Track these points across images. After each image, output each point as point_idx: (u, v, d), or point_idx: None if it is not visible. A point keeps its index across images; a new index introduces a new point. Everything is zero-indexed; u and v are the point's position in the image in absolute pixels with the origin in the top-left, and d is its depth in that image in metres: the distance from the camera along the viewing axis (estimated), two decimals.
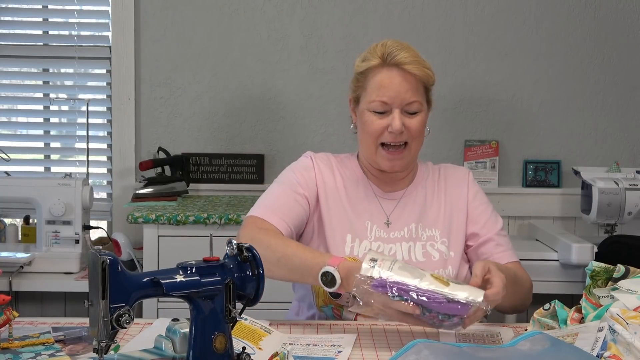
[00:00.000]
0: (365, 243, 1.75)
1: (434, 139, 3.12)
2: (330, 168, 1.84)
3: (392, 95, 1.69)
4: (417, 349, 1.20)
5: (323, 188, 1.80)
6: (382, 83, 1.71)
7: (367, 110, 1.73)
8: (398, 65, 1.70)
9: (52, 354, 1.40)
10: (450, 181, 1.85)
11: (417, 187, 1.83)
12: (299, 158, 1.88)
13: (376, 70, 1.72)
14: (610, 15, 3.12)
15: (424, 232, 1.78)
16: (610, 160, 3.04)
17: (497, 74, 3.14)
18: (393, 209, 1.80)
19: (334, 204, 1.79)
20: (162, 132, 3.13)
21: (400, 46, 1.73)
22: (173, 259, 1.42)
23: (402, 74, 1.70)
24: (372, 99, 1.71)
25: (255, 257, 1.27)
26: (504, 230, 1.84)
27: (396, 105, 1.70)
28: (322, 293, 1.72)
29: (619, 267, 1.45)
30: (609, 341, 1.24)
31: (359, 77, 1.76)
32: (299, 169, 1.83)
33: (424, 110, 1.74)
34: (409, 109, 1.71)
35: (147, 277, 1.21)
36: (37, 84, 3.27)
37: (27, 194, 2.68)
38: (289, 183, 1.80)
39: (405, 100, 1.70)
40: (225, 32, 3.12)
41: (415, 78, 1.70)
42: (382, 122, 1.71)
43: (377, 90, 1.71)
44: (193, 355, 1.23)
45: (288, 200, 1.76)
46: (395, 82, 1.70)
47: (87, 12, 3.18)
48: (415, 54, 1.73)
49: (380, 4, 3.11)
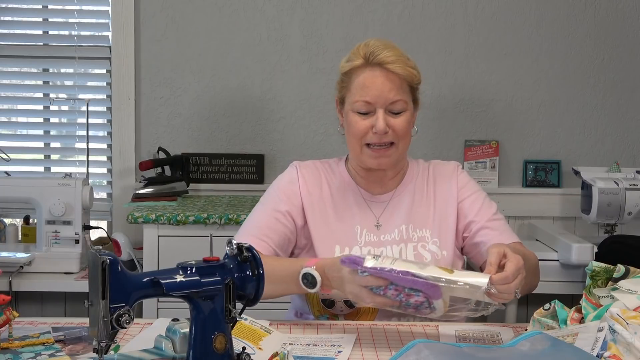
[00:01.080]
0: (355, 249, 1.74)
1: (434, 139, 3.12)
2: (316, 177, 1.83)
3: (375, 95, 1.68)
4: (417, 349, 1.20)
5: (309, 200, 1.79)
6: (365, 83, 1.69)
7: (351, 110, 1.72)
8: (381, 64, 1.68)
9: (52, 354, 1.40)
10: (439, 178, 1.83)
11: (406, 187, 1.82)
12: (286, 169, 1.87)
13: (359, 71, 1.71)
14: (610, 15, 3.12)
15: (415, 233, 1.77)
16: (610, 160, 3.04)
17: (497, 74, 3.14)
18: (382, 211, 1.80)
19: (321, 214, 1.78)
20: (162, 132, 3.13)
21: (384, 45, 1.71)
22: (173, 259, 1.42)
23: (385, 73, 1.68)
24: (356, 99, 1.70)
25: (255, 257, 1.28)
26: (499, 214, 1.81)
27: (380, 105, 1.69)
28: (316, 303, 1.73)
29: (619, 267, 1.45)
30: (609, 341, 1.24)
31: (343, 77, 1.76)
32: (283, 184, 1.82)
33: (409, 110, 1.72)
34: (393, 109, 1.70)
35: (147, 277, 1.21)
36: (37, 84, 3.27)
37: (27, 194, 2.68)
38: (270, 202, 1.80)
39: (388, 99, 1.68)
40: (225, 32, 3.12)
41: (399, 77, 1.69)
42: (366, 122, 1.70)
43: (360, 91, 1.70)
44: (193, 355, 1.23)
45: (269, 220, 1.76)
46: (378, 82, 1.68)
47: (87, 12, 3.18)
48: (398, 53, 1.71)
49: (380, 4, 3.11)
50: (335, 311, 1.72)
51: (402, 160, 1.81)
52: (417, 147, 3.04)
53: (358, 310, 1.71)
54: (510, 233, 1.78)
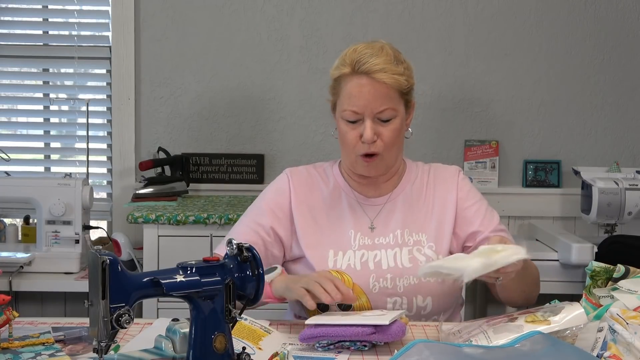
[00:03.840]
0: (349, 253, 1.74)
1: (434, 139, 3.12)
2: (308, 184, 1.83)
3: (361, 105, 1.67)
4: (418, 349, 1.19)
5: (299, 209, 1.79)
6: (352, 92, 1.68)
7: (341, 118, 1.73)
8: (367, 73, 1.66)
9: (52, 354, 1.40)
10: (439, 183, 1.83)
11: (402, 191, 1.82)
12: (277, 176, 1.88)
13: (347, 79, 1.70)
14: (610, 15, 3.12)
15: (411, 237, 1.76)
16: (610, 160, 3.04)
17: (497, 74, 3.14)
18: (377, 214, 1.79)
19: (313, 221, 1.78)
20: (162, 132, 3.13)
21: (371, 52, 1.68)
22: (173, 259, 1.42)
23: (372, 82, 1.67)
24: (345, 107, 1.70)
25: (255, 257, 1.28)
26: (502, 225, 1.82)
27: (367, 115, 1.68)
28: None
29: (619, 267, 1.45)
30: (609, 341, 1.24)
31: (334, 83, 1.75)
32: (270, 196, 1.83)
33: (399, 116, 1.71)
34: (381, 117, 1.69)
35: (147, 277, 1.21)
36: (37, 84, 3.27)
37: (27, 194, 2.68)
38: (254, 215, 1.82)
39: (375, 109, 1.67)
40: (225, 32, 3.12)
41: (386, 86, 1.67)
42: (355, 132, 1.70)
43: (348, 100, 1.69)
44: (193, 355, 1.23)
45: (248, 233, 1.77)
46: (364, 91, 1.67)
47: (87, 12, 3.18)
48: (386, 60, 1.67)
49: (380, 4, 3.11)
50: None
51: (395, 164, 1.80)
52: (417, 147, 3.04)
53: None
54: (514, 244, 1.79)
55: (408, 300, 1.71)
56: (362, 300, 1.70)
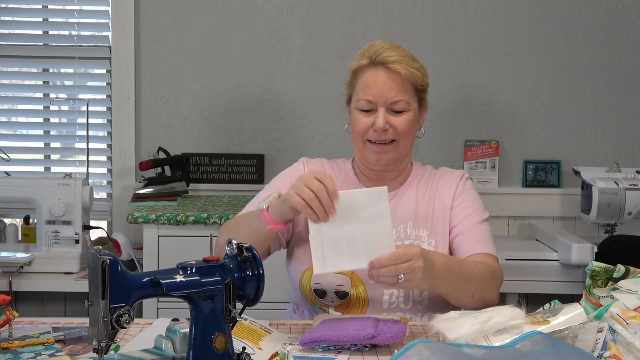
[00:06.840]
0: None
1: (434, 139, 3.12)
2: None
3: (376, 94, 1.72)
4: (418, 349, 1.19)
5: None
6: (367, 82, 1.73)
7: (355, 108, 1.77)
8: (384, 64, 1.72)
9: (52, 354, 1.40)
10: (443, 182, 1.85)
11: (408, 189, 1.85)
12: (293, 163, 1.90)
13: (364, 70, 1.75)
14: (610, 15, 3.12)
15: (413, 231, 1.79)
16: (610, 160, 3.04)
17: (497, 74, 3.14)
18: None
19: None
20: (162, 132, 3.13)
21: (389, 46, 1.74)
22: (173, 259, 1.42)
23: (388, 72, 1.72)
24: (359, 97, 1.74)
25: (255, 257, 1.28)
26: (484, 225, 1.79)
27: (381, 104, 1.72)
28: (308, 293, 1.75)
29: (619, 267, 1.45)
30: (609, 341, 1.24)
31: (351, 76, 1.81)
32: (289, 173, 1.86)
33: (412, 110, 1.75)
34: (394, 108, 1.73)
35: (147, 277, 1.21)
36: (37, 84, 3.27)
37: (27, 194, 2.68)
38: (273, 186, 1.83)
39: (389, 98, 1.72)
40: (225, 32, 3.12)
41: (401, 77, 1.71)
42: (367, 120, 1.74)
43: (363, 89, 1.74)
44: (193, 355, 1.23)
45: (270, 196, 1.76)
46: (379, 81, 1.72)
47: (87, 12, 3.18)
48: (403, 53, 1.74)
49: (380, 4, 3.11)
50: (326, 302, 1.74)
51: (403, 160, 1.83)
52: (417, 147, 3.02)
53: (349, 302, 1.73)
54: (485, 243, 1.76)
55: (404, 292, 1.72)
56: (359, 289, 1.71)
